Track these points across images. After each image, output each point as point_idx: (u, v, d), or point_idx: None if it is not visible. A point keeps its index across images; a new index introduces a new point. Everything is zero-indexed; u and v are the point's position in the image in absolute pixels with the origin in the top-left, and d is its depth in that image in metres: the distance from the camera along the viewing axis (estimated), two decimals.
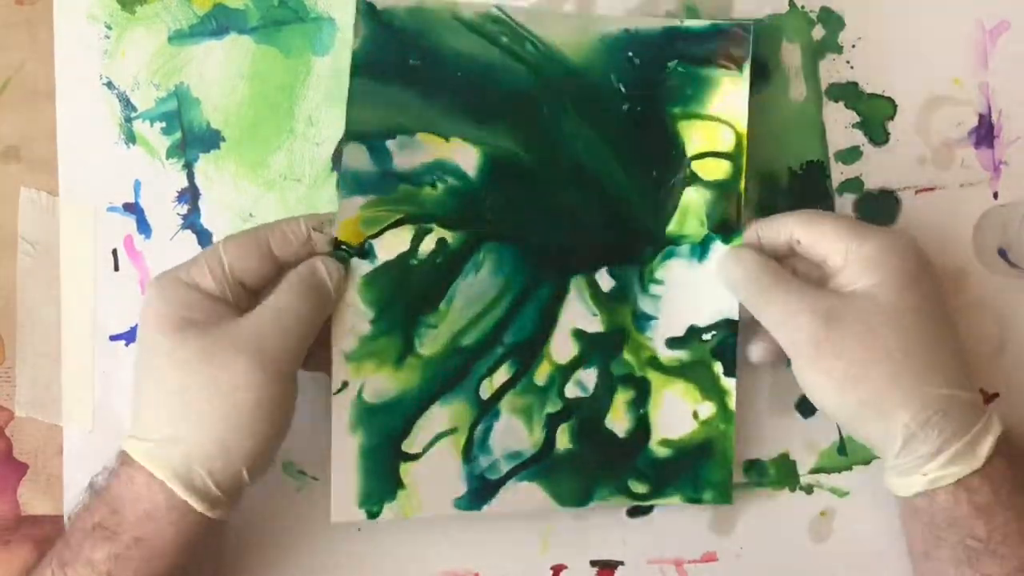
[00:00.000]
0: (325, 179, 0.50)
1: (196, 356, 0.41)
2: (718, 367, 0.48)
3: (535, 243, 0.47)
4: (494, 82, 0.47)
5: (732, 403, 0.48)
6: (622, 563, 0.49)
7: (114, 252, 0.50)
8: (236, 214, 0.50)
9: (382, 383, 0.46)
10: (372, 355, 0.46)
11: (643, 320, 0.48)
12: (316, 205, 0.50)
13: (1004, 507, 0.41)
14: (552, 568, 0.49)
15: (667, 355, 0.48)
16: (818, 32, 0.50)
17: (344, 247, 0.46)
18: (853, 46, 0.50)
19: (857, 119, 0.50)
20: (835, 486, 0.49)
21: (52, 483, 0.50)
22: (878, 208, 0.50)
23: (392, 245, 0.46)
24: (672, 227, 0.48)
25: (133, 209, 0.50)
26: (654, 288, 0.48)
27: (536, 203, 0.47)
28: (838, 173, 0.50)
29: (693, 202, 0.48)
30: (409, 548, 0.49)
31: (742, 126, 0.47)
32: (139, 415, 0.43)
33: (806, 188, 0.50)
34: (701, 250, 0.48)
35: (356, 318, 0.46)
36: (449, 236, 0.47)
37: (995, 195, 0.50)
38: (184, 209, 0.50)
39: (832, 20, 0.50)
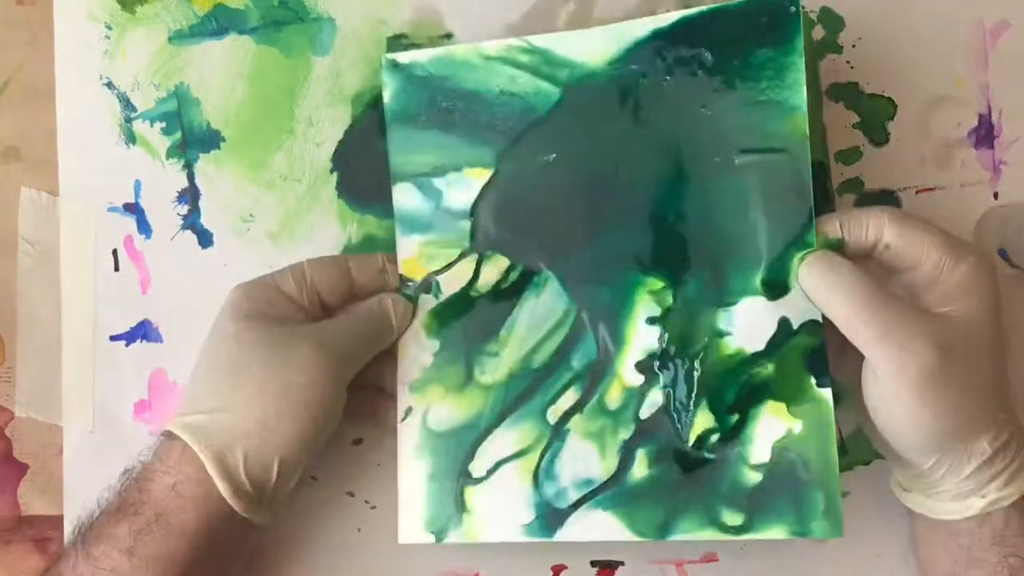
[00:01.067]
0: (325, 179, 0.50)
1: (261, 339, 0.43)
2: (809, 378, 0.43)
3: (592, 264, 0.46)
4: (530, 107, 0.47)
5: (830, 416, 0.43)
6: (622, 563, 0.49)
7: (114, 252, 0.50)
8: (236, 214, 0.50)
9: (446, 411, 0.47)
10: (435, 383, 0.47)
11: (718, 336, 0.44)
12: (316, 205, 0.50)
13: None
14: (552, 568, 0.49)
15: (750, 370, 0.44)
16: (818, 32, 0.50)
17: (409, 283, 0.47)
18: (853, 46, 0.50)
19: (857, 119, 0.50)
20: None
21: (52, 483, 0.50)
22: None
23: (456, 278, 0.47)
24: (734, 230, 0.44)
25: (133, 209, 0.50)
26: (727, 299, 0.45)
27: (591, 222, 0.46)
28: (838, 173, 0.50)
29: (755, 200, 0.44)
30: (410, 548, 0.49)
31: (802, 108, 0.43)
32: (189, 395, 0.44)
33: None
34: (769, 252, 0.44)
35: (419, 350, 0.47)
36: (507, 263, 0.47)
37: (995, 195, 0.50)
38: (184, 209, 0.50)
39: (832, 20, 0.50)
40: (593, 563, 0.49)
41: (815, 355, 0.43)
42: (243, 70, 0.51)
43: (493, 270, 0.47)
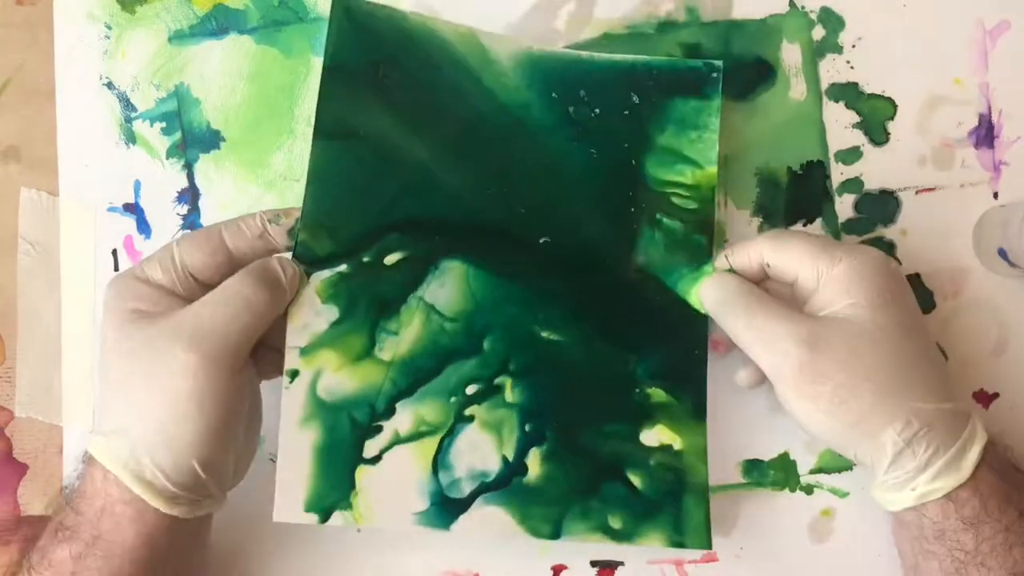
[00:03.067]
0: None
1: (139, 346, 0.41)
2: (689, 404, 0.46)
3: (501, 260, 0.46)
4: (457, 104, 0.47)
5: (704, 439, 0.46)
6: (622, 563, 0.49)
7: (114, 252, 0.50)
8: (236, 214, 0.50)
9: (339, 381, 0.44)
10: (328, 350, 0.44)
11: (621, 349, 0.46)
12: None
13: (992, 518, 0.40)
14: (552, 568, 0.49)
15: (646, 386, 0.46)
16: (818, 32, 0.50)
17: (301, 247, 0.44)
18: (853, 46, 0.50)
19: (857, 119, 0.50)
20: (835, 486, 0.49)
21: (52, 483, 0.50)
22: (878, 208, 0.50)
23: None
24: (640, 258, 0.47)
25: (133, 209, 0.50)
26: (629, 315, 0.47)
27: (503, 223, 0.47)
28: (838, 173, 0.50)
29: (661, 234, 0.47)
30: (410, 548, 0.49)
31: (712, 159, 0.47)
32: (98, 411, 0.43)
33: (806, 188, 0.50)
34: (670, 280, 0.47)
35: (314, 315, 0.44)
36: (411, 249, 0.46)
37: (995, 195, 0.50)
38: (184, 209, 0.50)
39: (832, 20, 0.50)
40: (593, 563, 0.49)
41: (698, 386, 0.46)
42: (243, 70, 0.51)
43: (396, 254, 0.46)
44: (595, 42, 0.50)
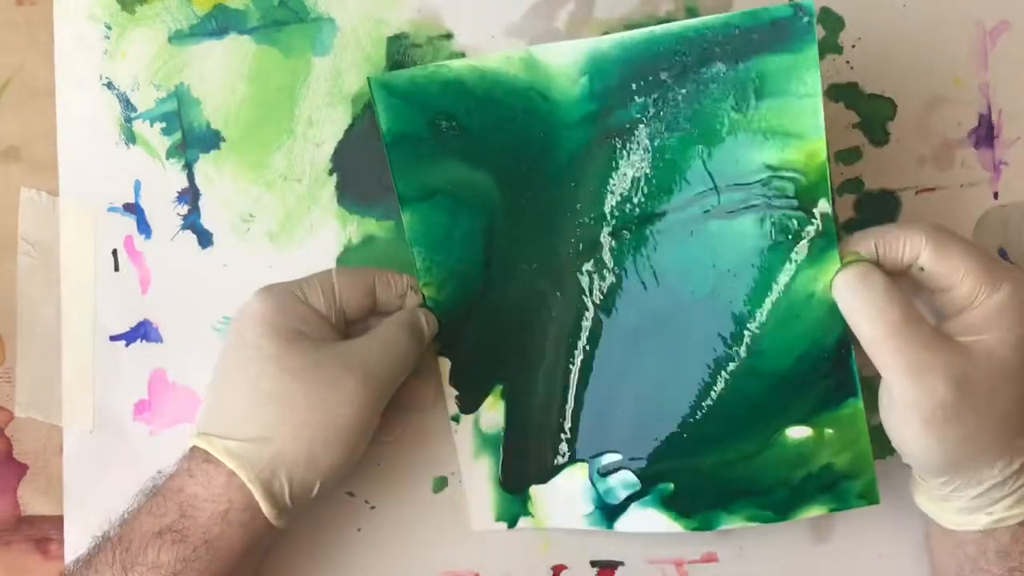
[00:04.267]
0: (325, 179, 0.50)
1: (307, 367, 0.42)
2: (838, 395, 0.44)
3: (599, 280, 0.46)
4: (529, 129, 0.46)
5: (863, 423, 0.44)
6: (622, 563, 0.49)
7: (114, 252, 0.50)
8: (236, 214, 0.50)
9: (496, 416, 0.48)
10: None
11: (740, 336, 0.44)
12: (316, 205, 0.50)
13: None
14: (552, 568, 0.49)
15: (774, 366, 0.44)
16: (818, 32, 0.50)
17: (430, 302, 0.47)
18: (853, 46, 0.50)
19: (857, 119, 0.50)
20: None
21: (52, 483, 0.50)
22: (878, 208, 0.50)
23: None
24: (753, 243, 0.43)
25: (133, 209, 0.50)
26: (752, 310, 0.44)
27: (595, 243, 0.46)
28: (838, 173, 0.50)
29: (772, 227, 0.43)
30: (410, 548, 0.49)
31: (818, 127, 0.41)
32: (223, 415, 0.43)
33: None
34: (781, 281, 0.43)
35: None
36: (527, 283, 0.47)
37: (995, 195, 0.50)
38: (184, 209, 0.50)
39: (832, 20, 0.50)
40: (593, 563, 0.49)
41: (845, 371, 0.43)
42: (243, 70, 0.51)
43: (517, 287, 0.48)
44: None
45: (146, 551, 0.41)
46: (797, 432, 0.45)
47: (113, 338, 0.50)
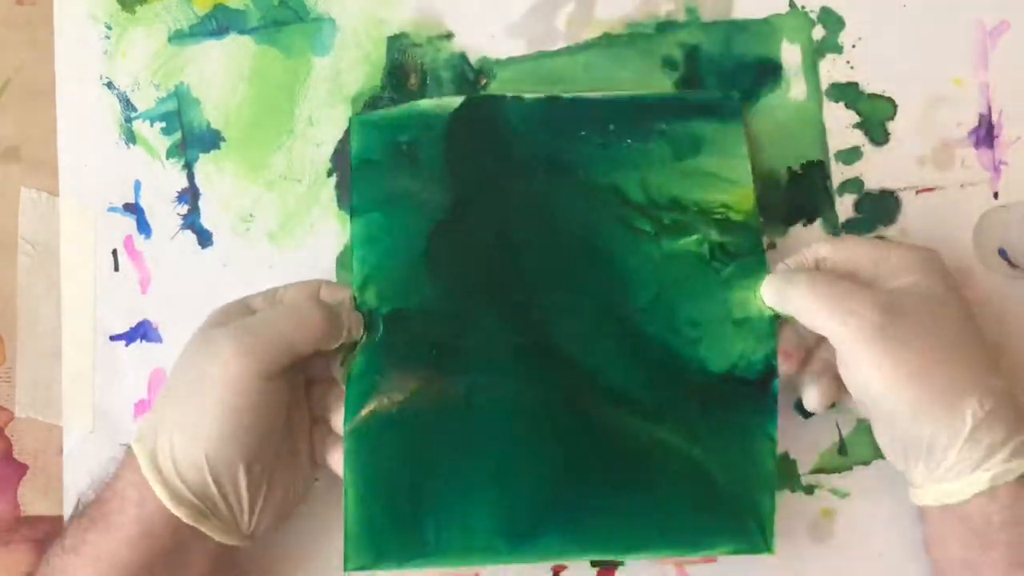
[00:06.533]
0: (325, 179, 0.50)
1: (196, 344, 0.43)
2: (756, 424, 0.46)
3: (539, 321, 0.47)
4: (482, 154, 0.48)
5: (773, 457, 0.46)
6: (622, 563, 0.49)
7: (114, 252, 0.50)
8: (236, 214, 0.50)
9: None
10: None
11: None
12: (316, 205, 0.50)
13: None
14: (552, 568, 0.49)
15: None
16: (818, 32, 0.50)
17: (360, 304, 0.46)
18: (853, 46, 0.50)
19: (857, 119, 0.50)
20: (835, 486, 0.49)
21: (52, 483, 0.50)
22: (878, 208, 0.50)
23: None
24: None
25: (133, 209, 0.50)
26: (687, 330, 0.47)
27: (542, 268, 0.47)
28: (838, 173, 0.50)
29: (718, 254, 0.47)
30: None
31: (746, 178, 0.48)
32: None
33: (806, 188, 0.50)
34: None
35: None
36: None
37: (995, 195, 0.50)
38: (184, 209, 0.50)
39: (832, 20, 0.50)
40: (593, 563, 0.49)
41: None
42: (243, 70, 0.51)
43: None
44: (595, 42, 0.50)
45: (65, 531, 0.42)
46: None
47: (113, 338, 0.50)
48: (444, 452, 0.44)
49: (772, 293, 0.45)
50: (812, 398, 0.45)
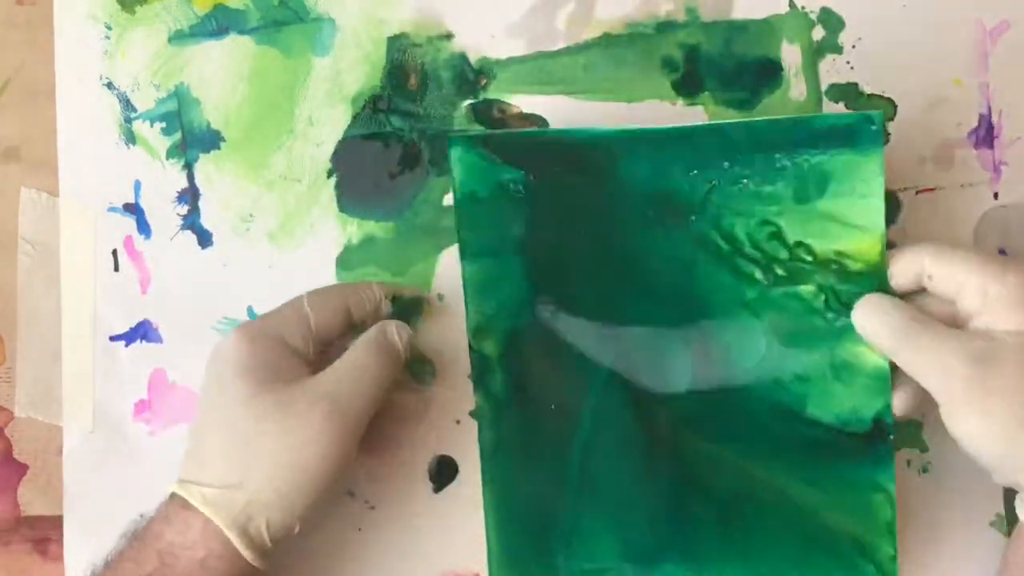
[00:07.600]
0: (325, 179, 0.50)
1: (276, 406, 0.42)
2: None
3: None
4: (594, 201, 0.47)
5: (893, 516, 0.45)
6: None
7: (114, 252, 0.50)
8: (236, 214, 0.50)
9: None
10: None
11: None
12: (316, 205, 0.50)
13: None
14: None
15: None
16: (818, 32, 0.50)
17: (475, 355, 0.47)
18: (853, 46, 0.50)
19: None
20: None
21: (52, 483, 0.50)
22: None
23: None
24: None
25: (133, 209, 0.50)
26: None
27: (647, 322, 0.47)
28: None
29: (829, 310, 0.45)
30: (410, 548, 0.49)
31: (879, 222, 0.44)
32: (200, 460, 0.42)
33: None
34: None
35: None
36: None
37: (995, 195, 0.50)
38: (184, 209, 0.50)
39: (832, 20, 0.50)
40: None
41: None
42: (243, 70, 0.51)
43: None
44: (595, 42, 0.50)
45: None
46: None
47: (113, 338, 0.50)
48: (570, 484, 0.46)
49: (864, 326, 0.43)
50: (896, 403, 0.44)
